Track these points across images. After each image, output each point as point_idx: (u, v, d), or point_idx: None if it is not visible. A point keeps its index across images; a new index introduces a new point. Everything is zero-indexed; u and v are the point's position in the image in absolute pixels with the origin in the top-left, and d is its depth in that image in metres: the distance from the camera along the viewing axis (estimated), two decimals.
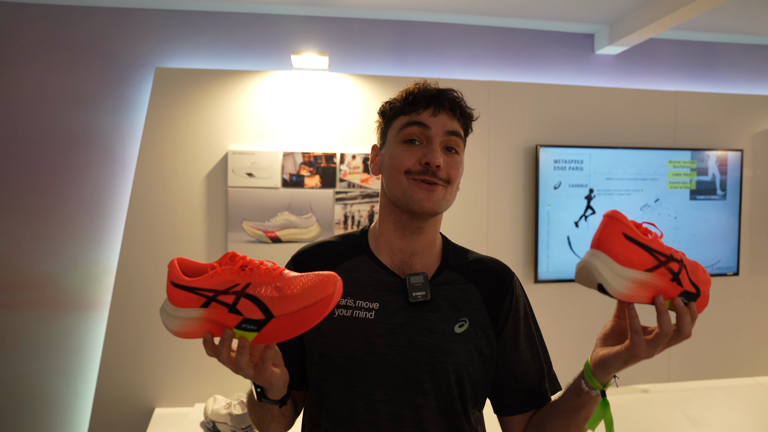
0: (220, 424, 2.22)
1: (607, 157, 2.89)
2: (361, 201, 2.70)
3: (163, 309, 0.91)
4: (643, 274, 0.86)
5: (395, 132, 1.11)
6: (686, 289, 0.89)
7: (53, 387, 2.62)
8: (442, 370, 1.05)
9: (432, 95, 1.09)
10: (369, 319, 1.07)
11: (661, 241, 0.89)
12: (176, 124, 2.59)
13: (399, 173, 1.07)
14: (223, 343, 0.88)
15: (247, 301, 0.87)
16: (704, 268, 0.96)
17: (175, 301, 0.89)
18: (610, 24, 2.90)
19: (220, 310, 0.88)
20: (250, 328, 0.87)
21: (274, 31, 2.74)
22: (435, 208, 1.07)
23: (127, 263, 2.55)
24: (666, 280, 0.87)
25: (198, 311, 0.89)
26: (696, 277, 0.91)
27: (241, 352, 0.88)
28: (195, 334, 0.90)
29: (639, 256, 0.86)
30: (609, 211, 0.88)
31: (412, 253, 1.12)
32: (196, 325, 0.89)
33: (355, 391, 1.05)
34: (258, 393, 1.00)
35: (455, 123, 1.10)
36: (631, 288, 0.85)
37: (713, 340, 3.09)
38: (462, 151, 1.12)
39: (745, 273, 3.12)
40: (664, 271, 0.87)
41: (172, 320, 0.90)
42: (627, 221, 0.87)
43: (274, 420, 1.08)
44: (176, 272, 0.90)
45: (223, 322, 0.88)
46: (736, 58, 3.21)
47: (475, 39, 2.93)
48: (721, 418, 2.66)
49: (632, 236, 0.86)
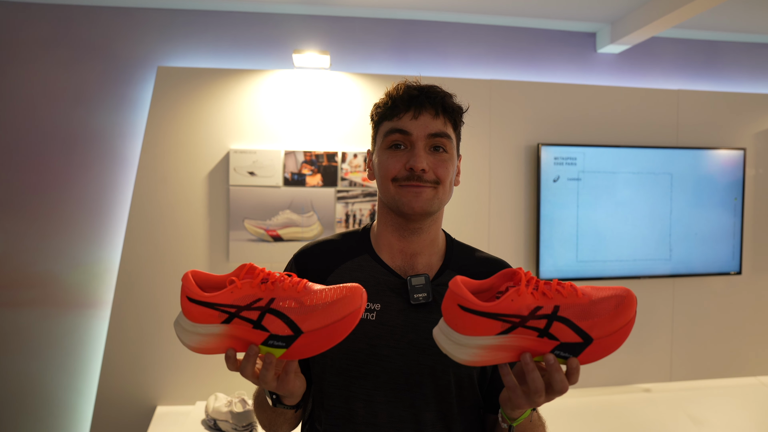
0: (221, 422, 2.22)
1: (609, 157, 2.88)
2: (362, 200, 2.70)
3: (178, 324, 0.87)
4: (494, 339, 0.82)
5: (381, 138, 1.10)
6: (565, 341, 0.82)
7: (55, 385, 2.63)
8: (442, 373, 1.04)
9: (411, 97, 1.07)
10: (370, 320, 1.05)
11: (520, 297, 0.82)
12: (178, 123, 2.60)
13: (387, 180, 1.07)
14: (248, 359, 0.86)
15: (272, 316, 0.84)
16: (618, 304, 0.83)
17: (192, 316, 0.85)
18: (612, 23, 2.90)
19: (244, 326, 0.84)
20: (278, 344, 0.84)
21: (275, 30, 2.75)
22: (425, 208, 1.06)
23: (129, 262, 2.56)
24: (530, 339, 0.82)
25: (219, 327, 0.85)
26: (588, 322, 0.82)
27: (268, 368, 0.86)
28: (216, 350, 0.87)
29: (482, 324, 0.82)
30: (452, 279, 0.85)
31: (412, 254, 1.11)
32: (217, 341, 0.86)
33: (355, 392, 1.05)
34: (273, 399, 0.99)
35: (438, 122, 1.08)
36: (482, 354, 0.83)
37: (716, 339, 3.08)
38: (452, 147, 1.10)
39: (748, 272, 3.11)
40: (523, 331, 0.82)
41: (189, 336, 0.86)
42: (463, 292, 0.82)
43: (287, 422, 1.08)
44: (192, 286, 0.86)
45: (248, 338, 0.85)
46: (739, 57, 3.20)
47: (476, 38, 2.93)
48: (723, 417, 2.66)
49: (468, 307, 0.82)
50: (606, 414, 2.66)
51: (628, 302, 0.83)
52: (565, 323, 0.81)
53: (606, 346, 0.82)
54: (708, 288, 3.07)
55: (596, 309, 0.82)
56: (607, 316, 0.82)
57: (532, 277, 0.85)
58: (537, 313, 0.81)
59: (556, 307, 0.82)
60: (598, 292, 0.85)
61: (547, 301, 0.82)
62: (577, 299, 0.83)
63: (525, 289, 0.83)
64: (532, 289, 0.83)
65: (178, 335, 0.87)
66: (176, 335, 0.88)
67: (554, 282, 0.85)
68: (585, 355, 0.83)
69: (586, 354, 0.83)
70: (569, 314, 0.82)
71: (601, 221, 2.89)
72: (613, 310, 0.82)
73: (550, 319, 0.81)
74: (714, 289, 3.08)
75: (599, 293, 0.84)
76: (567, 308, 0.82)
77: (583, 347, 0.82)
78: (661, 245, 2.96)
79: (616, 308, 0.83)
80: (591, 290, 0.85)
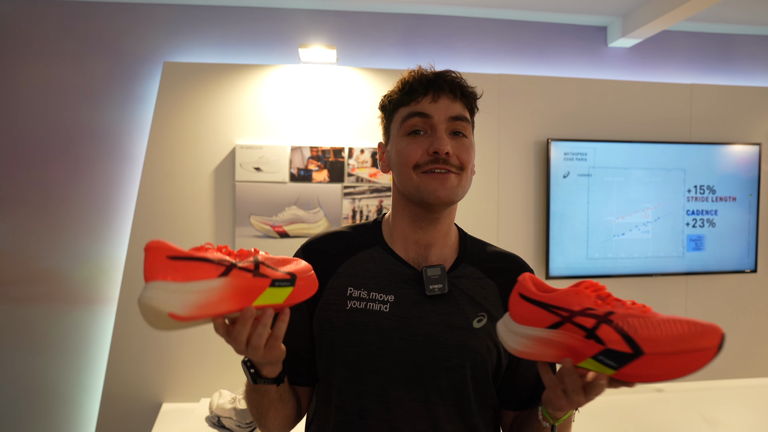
0: (225, 418, 2.20)
1: (620, 152, 2.83)
2: (369, 196, 2.68)
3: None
4: (543, 332, 0.82)
5: (398, 125, 1.07)
6: (611, 348, 0.77)
7: (61, 381, 2.63)
8: (458, 366, 1.01)
9: (429, 80, 1.05)
10: (383, 311, 1.02)
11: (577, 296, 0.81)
12: (184, 118, 2.58)
13: (408, 168, 1.03)
14: (243, 322, 0.84)
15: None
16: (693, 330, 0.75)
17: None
18: (623, 16, 2.85)
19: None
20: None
21: (281, 25, 2.73)
22: (451, 196, 1.03)
23: (136, 258, 2.55)
24: (577, 338, 0.79)
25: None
26: (643, 334, 0.76)
27: (264, 325, 0.86)
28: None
29: (535, 314, 0.83)
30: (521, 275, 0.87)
31: (427, 245, 1.09)
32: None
33: (368, 387, 1.01)
34: (252, 374, 0.95)
35: (458, 106, 1.05)
36: (529, 345, 0.83)
37: (730, 339, 3.01)
38: (470, 133, 1.08)
39: (763, 270, 3.05)
40: (570, 327, 0.80)
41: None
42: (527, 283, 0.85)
43: (272, 406, 1.01)
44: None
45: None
46: (754, 50, 3.13)
47: (485, 32, 2.90)
48: (737, 418, 2.60)
49: (527, 295, 0.84)
50: (618, 414, 2.61)
51: (706, 331, 0.75)
52: (615, 328, 0.77)
53: (661, 367, 0.74)
54: (722, 286, 3.01)
55: (659, 325, 0.76)
56: (671, 335, 0.75)
57: (606, 291, 0.84)
58: (587, 311, 0.80)
59: (610, 312, 0.79)
60: (673, 318, 0.78)
61: (604, 306, 0.80)
62: (640, 312, 0.78)
63: (586, 291, 0.82)
64: (596, 297, 0.82)
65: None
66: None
67: (628, 300, 0.81)
68: (631, 368, 0.76)
69: (632, 368, 0.76)
70: (622, 322, 0.77)
71: (612, 218, 2.84)
72: (681, 332, 0.75)
73: (599, 320, 0.78)
74: (728, 288, 3.02)
75: (675, 318, 0.77)
76: (622, 316, 0.78)
77: (631, 359, 0.75)
78: (673, 243, 2.90)
79: (687, 331, 0.75)
80: (668, 316, 0.79)
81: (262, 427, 1.06)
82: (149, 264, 0.76)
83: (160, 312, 0.74)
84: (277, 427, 1.06)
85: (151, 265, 0.76)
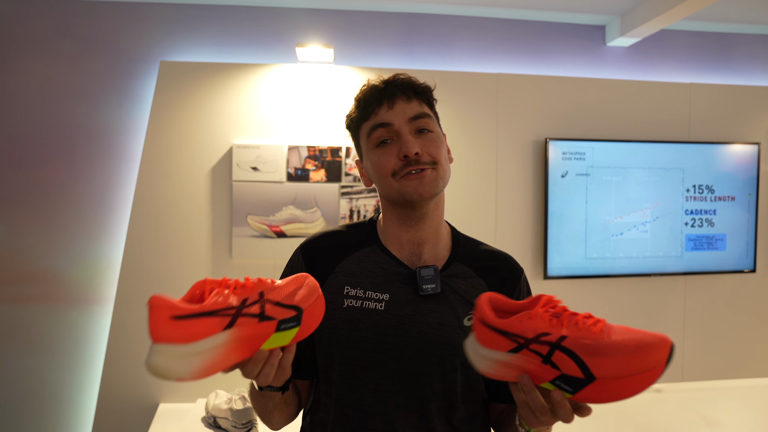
0: (221, 419, 2.20)
1: (618, 152, 2.82)
2: (366, 195, 2.67)
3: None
4: (505, 355, 0.84)
5: (365, 140, 1.11)
6: (566, 373, 0.79)
7: (58, 381, 2.62)
8: (450, 363, 1.05)
9: (380, 90, 1.09)
10: (379, 310, 1.06)
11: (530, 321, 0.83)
12: (181, 118, 2.58)
13: (386, 178, 1.07)
14: (257, 363, 0.87)
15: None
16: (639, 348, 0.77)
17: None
18: (622, 15, 2.84)
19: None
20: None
21: (278, 24, 2.72)
22: (431, 190, 1.06)
23: (132, 258, 2.54)
24: (534, 363, 0.82)
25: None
26: (594, 360, 0.77)
27: (272, 365, 0.88)
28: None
29: (496, 339, 0.85)
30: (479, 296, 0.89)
31: (419, 243, 1.12)
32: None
33: (363, 382, 1.05)
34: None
35: (414, 105, 1.09)
36: (494, 367, 0.85)
37: (729, 339, 3.01)
38: (435, 126, 1.11)
39: (762, 270, 3.04)
40: (527, 353, 0.82)
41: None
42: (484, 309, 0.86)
43: (276, 408, 1.07)
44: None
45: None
46: (753, 49, 3.12)
47: (483, 31, 2.89)
48: (736, 419, 2.59)
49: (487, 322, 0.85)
50: (616, 414, 2.60)
51: (654, 349, 0.76)
52: (569, 354, 0.79)
53: (614, 390, 0.77)
54: (721, 286, 3.00)
55: (609, 349, 0.77)
56: (620, 358, 0.77)
57: (561, 306, 0.85)
58: (541, 339, 0.81)
59: (563, 337, 0.80)
60: (625, 333, 0.79)
61: (557, 330, 0.81)
62: (593, 335, 0.79)
63: (539, 312, 0.83)
64: (551, 316, 0.83)
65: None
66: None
67: (582, 314, 0.83)
68: (586, 393, 0.79)
69: (587, 392, 0.79)
70: (576, 346, 0.79)
71: (611, 218, 2.83)
72: (630, 354, 0.76)
73: (552, 347, 0.80)
74: (727, 288, 3.01)
75: (626, 335, 0.79)
76: (576, 340, 0.79)
77: (584, 384, 0.78)
78: (672, 242, 2.89)
79: (635, 352, 0.76)
80: (621, 330, 0.80)
81: (267, 422, 1.12)
82: (153, 325, 0.75)
83: (167, 377, 0.75)
84: (280, 423, 1.12)
85: (155, 326, 0.75)
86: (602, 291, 2.87)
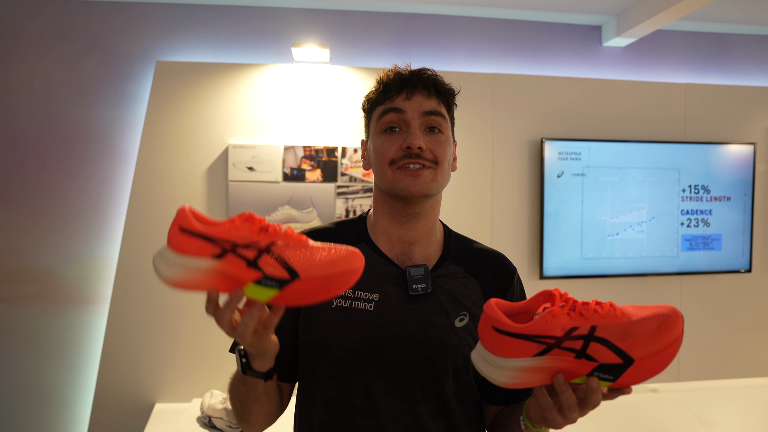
0: (216, 419, 2.20)
1: (614, 152, 2.83)
2: (362, 195, 2.67)
3: (161, 255, 0.82)
4: (530, 360, 0.81)
5: (375, 123, 1.09)
6: (603, 363, 0.80)
7: (54, 381, 2.62)
8: (441, 365, 1.03)
9: (403, 79, 1.07)
10: (368, 310, 1.04)
11: (555, 318, 0.81)
12: (177, 117, 2.58)
13: (384, 164, 1.05)
14: (230, 303, 0.81)
15: (269, 258, 0.80)
16: (662, 323, 0.81)
17: (181, 248, 0.80)
18: (618, 15, 2.84)
19: (238, 263, 0.80)
20: (271, 284, 0.80)
21: (274, 24, 2.72)
22: (424, 191, 1.04)
23: (128, 258, 2.54)
24: (567, 360, 0.81)
25: (208, 262, 0.80)
26: (628, 342, 0.80)
27: (252, 315, 0.82)
28: (197, 286, 0.82)
29: (517, 346, 0.81)
30: (486, 302, 0.84)
31: (410, 242, 1.10)
32: (201, 277, 0.81)
33: (353, 383, 1.03)
34: (243, 364, 0.94)
35: (432, 102, 1.07)
36: (520, 376, 0.82)
37: (725, 339, 3.02)
38: (447, 128, 1.09)
39: (758, 270, 3.04)
40: (559, 352, 0.80)
41: (172, 268, 0.81)
42: (497, 314, 0.82)
43: (258, 401, 1.00)
44: (188, 217, 0.82)
45: (239, 276, 0.80)
46: (749, 49, 3.13)
47: (479, 31, 2.89)
48: (732, 418, 2.60)
49: (503, 329, 0.81)
50: (612, 414, 2.60)
51: (673, 321, 0.81)
52: (604, 344, 0.80)
53: (649, 367, 0.80)
54: (717, 286, 3.01)
55: (637, 329, 0.80)
56: (649, 336, 0.80)
57: (569, 298, 0.84)
58: (573, 334, 0.80)
59: (593, 327, 0.80)
60: (639, 311, 0.82)
61: (584, 322, 0.80)
62: (617, 319, 0.81)
63: (560, 310, 0.81)
64: (568, 310, 0.81)
65: (158, 268, 0.82)
66: (154, 268, 0.82)
67: (593, 302, 0.82)
68: (627, 376, 0.80)
69: (627, 375, 0.80)
70: (608, 334, 0.80)
71: (607, 218, 2.83)
72: (656, 330, 0.80)
73: (586, 339, 0.80)
74: (723, 288, 3.01)
75: (641, 312, 0.82)
76: (605, 328, 0.80)
77: (624, 368, 0.80)
78: (668, 242, 2.90)
79: (659, 328, 0.80)
80: (632, 309, 0.83)
81: (243, 421, 1.05)
82: (170, 228, 0.82)
83: (157, 274, 0.83)
84: (258, 423, 1.05)
85: (170, 229, 0.82)
86: (598, 291, 2.87)
